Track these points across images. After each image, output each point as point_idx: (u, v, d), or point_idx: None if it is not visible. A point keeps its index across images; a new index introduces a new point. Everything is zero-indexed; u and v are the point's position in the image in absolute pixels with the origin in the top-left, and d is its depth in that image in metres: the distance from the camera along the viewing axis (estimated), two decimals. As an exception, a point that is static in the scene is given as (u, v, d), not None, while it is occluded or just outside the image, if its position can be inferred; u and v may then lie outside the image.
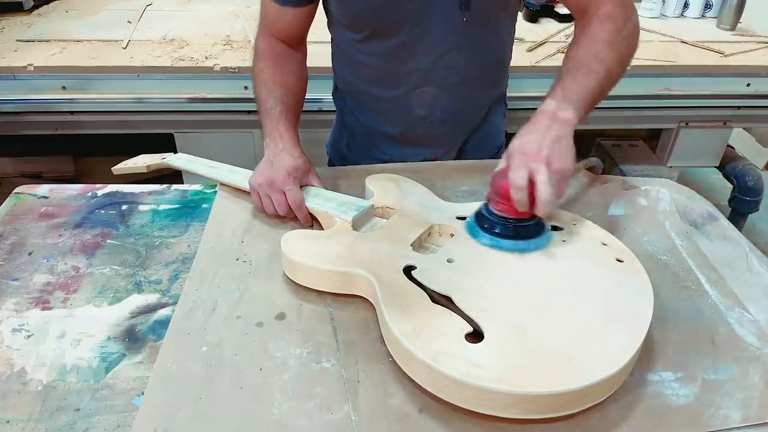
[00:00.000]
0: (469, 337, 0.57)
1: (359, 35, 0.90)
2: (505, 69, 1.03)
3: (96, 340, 0.64)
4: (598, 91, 0.74)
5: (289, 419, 0.55)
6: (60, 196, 0.90)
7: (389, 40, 0.88)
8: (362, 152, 1.06)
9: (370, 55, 0.92)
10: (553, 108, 0.70)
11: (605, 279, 0.65)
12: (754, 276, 0.74)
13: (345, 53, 0.96)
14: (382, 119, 1.00)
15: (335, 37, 0.97)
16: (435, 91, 0.93)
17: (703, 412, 0.56)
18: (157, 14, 1.86)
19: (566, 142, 0.68)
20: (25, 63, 1.44)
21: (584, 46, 0.77)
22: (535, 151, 0.66)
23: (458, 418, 0.55)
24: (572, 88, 0.72)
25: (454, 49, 0.89)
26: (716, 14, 1.91)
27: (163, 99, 1.48)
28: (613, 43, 0.76)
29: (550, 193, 0.63)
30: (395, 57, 0.90)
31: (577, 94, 0.72)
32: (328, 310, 0.68)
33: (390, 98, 0.96)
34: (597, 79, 0.73)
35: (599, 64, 0.74)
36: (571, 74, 0.74)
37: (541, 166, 0.64)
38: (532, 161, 0.65)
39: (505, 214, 0.69)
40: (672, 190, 0.89)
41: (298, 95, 0.94)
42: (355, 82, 0.99)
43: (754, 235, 2.27)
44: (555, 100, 0.71)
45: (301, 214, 0.81)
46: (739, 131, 2.15)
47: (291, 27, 0.93)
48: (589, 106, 0.73)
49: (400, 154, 1.01)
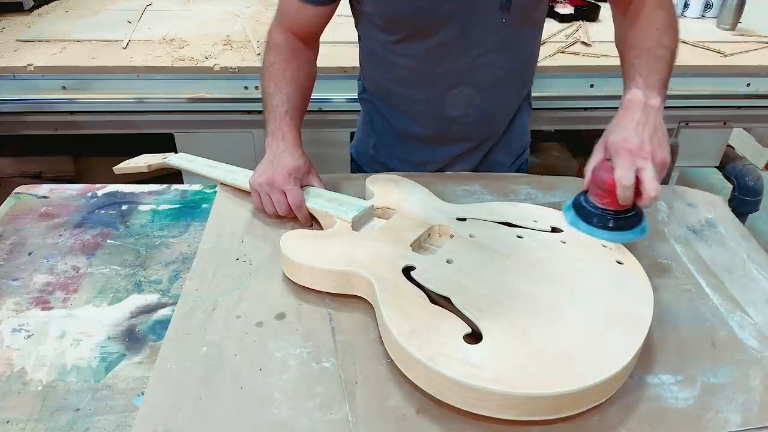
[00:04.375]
0: (468, 337, 0.57)
1: (395, 36, 0.89)
2: (534, 68, 1.02)
3: (96, 340, 0.64)
4: (669, 73, 0.78)
5: (289, 419, 0.55)
6: (60, 196, 0.90)
7: (427, 41, 0.87)
8: (390, 153, 1.05)
9: (405, 56, 0.91)
10: (641, 97, 0.73)
11: (605, 281, 0.65)
12: (753, 281, 0.74)
13: (377, 55, 0.95)
14: (415, 121, 0.99)
15: (365, 38, 0.96)
16: (470, 91, 0.92)
17: (703, 415, 0.56)
18: (157, 14, 1.86)
19: (662, 131, 0.71)
20: (25, 63, 1.43)
21: (646, 33, 0.81)
22: (637, 146, 0.68)
23: (456, 420, 0.55)
24: (651, 74, 0.75)
25: (492, 50, 0.89)
26: (716, 14, 1.91)
27: (163, 99, 1.48)
28: (668, 27, 0.81)
29: (658, 189, 0.66)
30: (431, 58, 0.89)
31: (656, 80, 0.75)
32: (327, 310, 0.68)
33: (423, 99, 0.95)
34: (667, 63, 0.78)
35: (664, 49, 0.79)
36: (643, 61, 0.77)
37: (647, 163, 0.67)
38: (638, 157, 0.68)
39: (608, 206, 0.71)
40: (676, 194, 0.89)
41: (306, 93, 0.93)
42: (387, 84, 0.98)
43: (754, 235, 2.25)
44: (640, 89, 0.74)
45: (301, 214, 0.81)
46: (739, 131, 2.15)
47: (309, 25, 0.92)
48: (666, 89, 0.77)
49: (431, 155, 1.01)
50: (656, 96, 0.73)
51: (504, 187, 0.93)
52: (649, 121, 0.71)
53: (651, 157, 0.68)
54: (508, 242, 0.71)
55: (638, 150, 0.68)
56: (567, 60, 1.57)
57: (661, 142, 0.70)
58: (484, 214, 0.77)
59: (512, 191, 0.92)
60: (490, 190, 0.92)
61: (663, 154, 0.69)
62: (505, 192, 0.92)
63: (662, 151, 0.69)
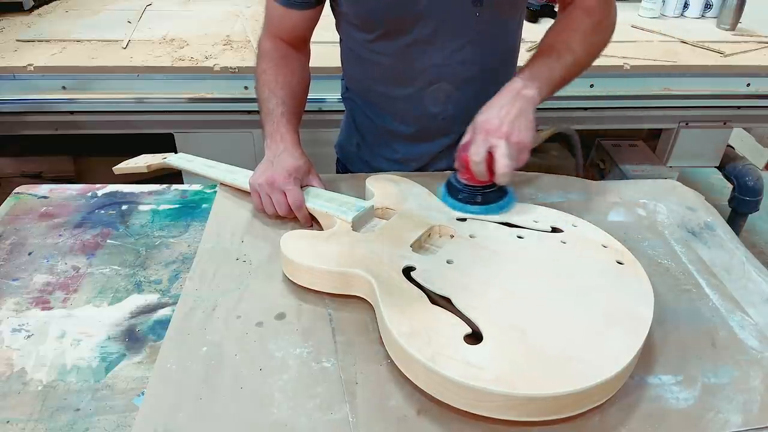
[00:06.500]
0: (468, 338, 0.57)
1: (371, 35, 0.90)
2: (515, 61, 1.03)
3: (96, 340, 0.64)
4: (563, 76, 0.81)
5: (289, 419, 0.55)
6: (60, 196, 0.90)
7: (402, 38, 0.88)
8: (373, 151, 1.06)
9: (382, 54, 0.92)
10: (519, 86, 0.77)
11: (605, 281, 0.65)
12: (752, 282, 0.74)
13: (355, 54, 0.96)
14: (396, 118, 0.99)
15: (345, 38, 0.97)
16: (448, 87, 0.93)
17: (703, 415, 0.56)
18: (157, 14, 1.86)
19: (526, 116, 0.74)
20: (25, 63, 1.44)
21: (559, 33, 0.85)
22: (495, 127, 0.73)
23: (456, 420, 0.55)
24: (540, 69, 0.80)
25: (468, 44, 0.89)
26: (716, 14, 1.91)
27: (163, 99, 1.48)
28: (587, 35, 0.84)
29: (507, 165, 0.71)
30: (408, 55, 0.90)
31: (543, 75, 0.79)
32: (327, 310, 0.68)
33: (403, 96, 0.95)
34: (564, 66, 0.81)
35: (569, 52, 0.82)
36: (541, 57, 0.82)
37: (500, 141, 0.72)
38: (492, 136, 0.73)
39: (470, 183, 0.77)
40: (677, 197, 0.89)
41: (300, 97, 0.94)
42: (367, 82, 0.99)
43: (754, 235, 2.27)
44: (522, 79, 0.78)
45: (301, 214, 0.81)
46: (739, 131, 2.15)
47: (295, 29, 0.93)
48: (552, 88, 0.80)
49: (413, 152, 1.01)
50: (534, 89, 0.77)
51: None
52: (515, 106, 0.74)
53: (506, 137, 0.72)
54: (508, 242, 0.71)
55: (495, 130, 0.73)
56: (567, 60, 1.57)
57: (522, 125, 0.73)
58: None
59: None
60: (490, 190, 0.92)
61: (520, 137, 0.73)
62: (505, 192, 0.92)
63: (520, 134, 0.73)
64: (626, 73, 1.56)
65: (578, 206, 0.86)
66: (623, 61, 1.56)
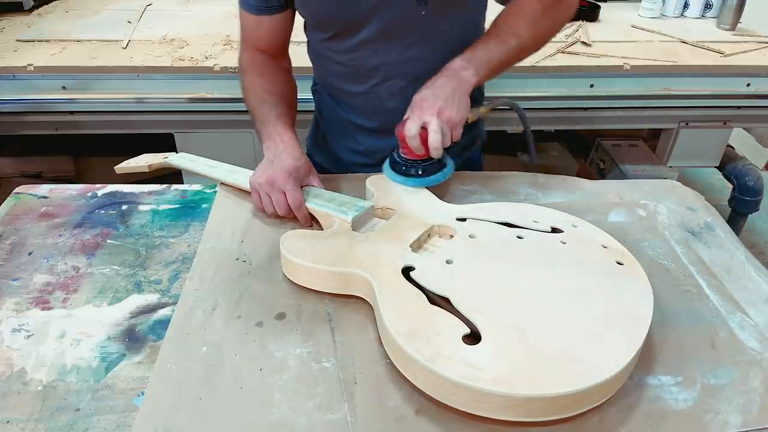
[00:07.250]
0: (467, 338, 0.57)
1: (326, 34, 0.92)
2: None
3: (96, 340, 0.64)
4: (504, 60, 0.85)
5: (289, 419, 0.55)
6: (60, 196, 0.90)
7: (353, 38, 0.90)
8: (337, 143, 1.07)
9: (337, 52, 0.94)
10: (456, 67, 0.81)
11: (605, 281, 0.65)
12: (752, 282, 0.74)
13: (317, 52, 0.99)
14: (357, 113, 1.01)
15: (308, 36, 1.00)
16: (402, 83, 0.94)
17: (703, 416, 0.56)
18: (157, 14, 1.86)
19: (460, 95, 0.79)
20: (25, 63, 1.44)
21: (507, 17, 0.87)
22: (429, 105, 0.78)
23: (455, 421, 0.55)
24: (480, 52, 0.83)
25: (416, 43, 0.90)
26: (716, 14, 1.91)
27: (163, 99, 1.48)
28: (534, 21, 0.85)
29: (437, 140, 0.76)
30: (361, 53, 0.92)
31: (483, 59, 0.83)
32: (327, 310, 0.68)
33: (361, 93, 0.97)
34: (506, 49, 0.84)
35: (513, 36, 0.85)
36: (483, 40, 0.85)
37: (432, 118, 0.77)
38: (426, 113, 0.77)
39: (409, 156, 0.83)
40: (677, 197, 0.89)
41: (290, 101, 0.96)
42: (329, 78, 1.01)
43: (754, 235, 2.26)
44: (461, 60, 0.82)
45: (301, 214, 0.81)
46: (739, 131, 2.15)
47: (270, 36, 0.96)
48: (491, 71, 0.84)
49: (377, 144, 1.02)
50: (471, 69, 0.81)
51: (504, 187, 0.93)
52: (450, 85, 0.79)
53: (437, 114, 0.77)
54: (508, 243, 0.71)
55: (428, 108, 0.78)
56: (567, 60, 1.57)
57: (455, 103, 0.78)
58: (483, 214, 0.77)
59: (512, 191, 0.92)
60: (489, 190, 0.92)
61: (451, 114, 0.77)
62: (504, 192, 0.92)
63: (451, 111, 0.78)
64: (626, 73, 1.56)
65: (578, 206, 0.86)
66: (623, 61, 1.56)
